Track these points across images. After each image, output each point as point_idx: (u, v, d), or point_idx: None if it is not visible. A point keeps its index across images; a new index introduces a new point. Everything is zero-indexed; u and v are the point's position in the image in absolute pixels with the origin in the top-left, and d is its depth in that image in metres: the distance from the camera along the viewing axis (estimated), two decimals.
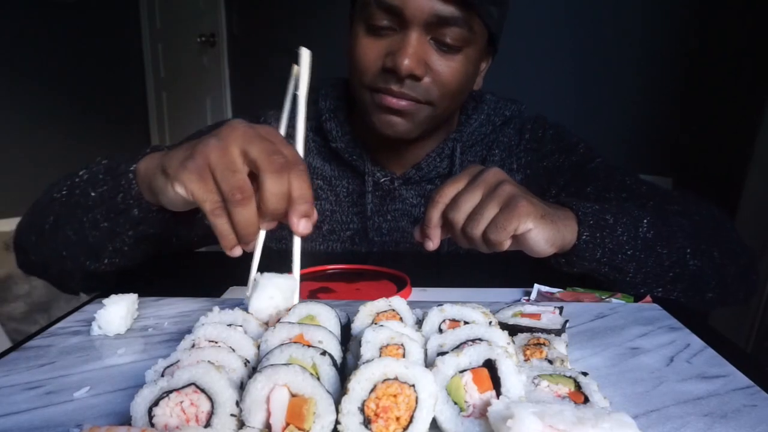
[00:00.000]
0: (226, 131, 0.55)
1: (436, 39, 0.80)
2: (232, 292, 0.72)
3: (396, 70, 0.78)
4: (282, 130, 0.61)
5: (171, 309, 0.62)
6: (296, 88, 0.60)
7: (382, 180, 0.94)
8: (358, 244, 0.97)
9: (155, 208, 0.68)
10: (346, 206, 0.97)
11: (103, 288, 0.76)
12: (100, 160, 0.76)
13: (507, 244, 0.62)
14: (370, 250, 0.96)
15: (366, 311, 0.50)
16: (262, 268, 0.58)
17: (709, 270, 0.74)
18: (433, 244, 0.66)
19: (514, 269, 0.80)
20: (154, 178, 0.62)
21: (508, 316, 0.52)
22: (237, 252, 0.56)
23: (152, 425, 0.35)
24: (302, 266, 0.78)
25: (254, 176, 0.54)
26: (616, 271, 0.69)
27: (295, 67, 0.59)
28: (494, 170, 0.65)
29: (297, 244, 0.59)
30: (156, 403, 0.36)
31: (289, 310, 0.49)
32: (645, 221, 0.70)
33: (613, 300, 0.67)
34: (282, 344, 0.41)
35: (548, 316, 0.52)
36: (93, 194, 0.70)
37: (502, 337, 0.43)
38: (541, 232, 0.62)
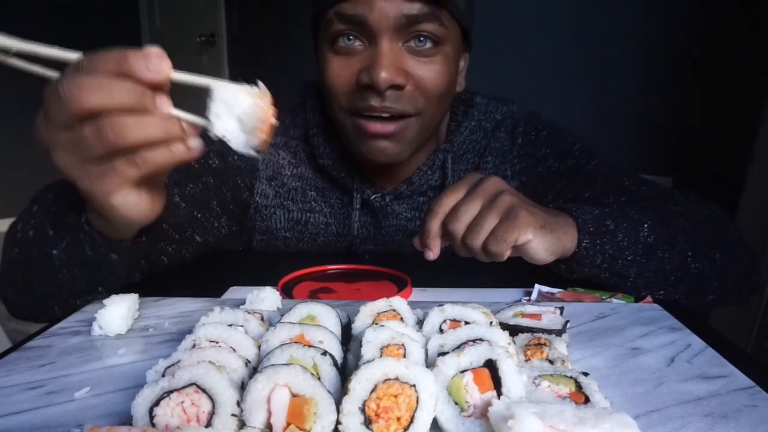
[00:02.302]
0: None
1: (409, 43, 0.76)
2: (232, 292, 0.72)
3: (374, 85, 0.74)
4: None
5: (171, 309, 0.62)
6: None
7: (372, 198, 0.91)
8: (357, 261, 0.95)
9: (128, 242, 0.63)
10: (341, 218, 0.94)
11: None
12: (32, 207, 0.67)
13: (507, 255, 0.61)
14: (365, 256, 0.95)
15: (366, 311, 0.50)
16: (260, 271, 0.58)
17: (711, 272, 0.73)
18: (432, 254, 0.65)
19: (514, 269, 0.79)
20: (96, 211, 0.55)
21: (508, 316, 0.52)
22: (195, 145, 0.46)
23: (153, 425, 0.35)
24: (302, 267, 0.78)
25: None
26: (617, 276, 0.69)
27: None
28: (493, 179, 0.65)
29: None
30: (157, 403, 0.36)
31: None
32: (646, 225, 0.70)
33: (614, 300, 0.67)
34: (283, 344, 0.41)
35: (549, 316, 0.52)
36: (56, 252, 0.62)
37: (503, 337, 0.43)
38: (541, 242, 0.61)
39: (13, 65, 0.43)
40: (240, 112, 0.44)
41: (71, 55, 0.44)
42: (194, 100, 0.48)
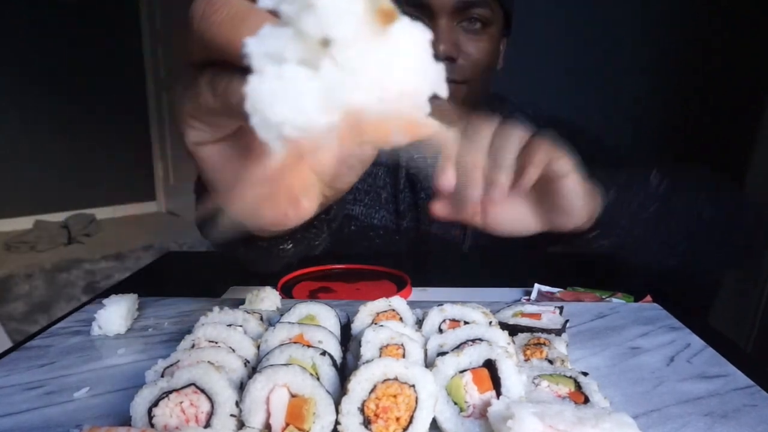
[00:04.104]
0: None
1: (463, 23, 0.88)
2: (232, 292, 0.72)
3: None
4: None
5: (171, 309, 0.62)
6: None
7: (415, 156, 0.98)
8: (402, 217, 1.01)
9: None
10: (393, 179, 1.03)
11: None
12: None
13: (536, 175, 0.54)
14: (408, 225, 1.01)
15: (366, 311, 0.50)
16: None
17: (722, 218, 0.71)
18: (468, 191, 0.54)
19: (514, 269, 0.79)
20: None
21: (508, 316, 0.52)
22: None
23: (152, 425, 0.35)
24: (301, 267, 0.78)
25: None
26: (645, 230, 0.65)
27: None
28: None
29: None
30: (156, 404, 0.36)
31: None
32: (653, 175, 0.67)
33: (614, 300, 0.67)
34: (282, 344, 0.41)
35: (548, 315, 0.52)
36: None
37: (503, 337, 0.43)
38: (578, 182, 0.56)
39: None
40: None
41: None
42: None
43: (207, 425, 0.35)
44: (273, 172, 0.29)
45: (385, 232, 1.02)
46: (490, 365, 0.39)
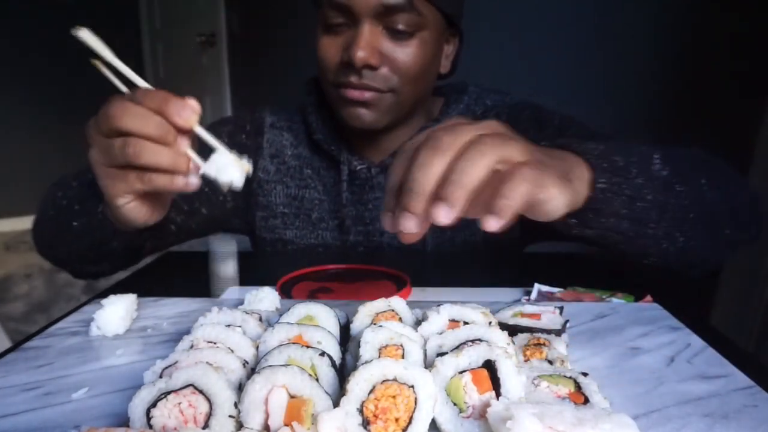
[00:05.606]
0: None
1: (387, 27, 0.82)
2: (231, 292, 0.72)
3: (351, 62, 0.81)
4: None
5: (170, 309, 0.62)
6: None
7: (359, 168, 0.96)
8: (346, 232, 0.98)
9: (130, 234, 0.74)
10: (333, 195, 0.99)
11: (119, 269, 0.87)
12: (72, 181, 0.79)
13: (511, 213, 0.42)
14: (356, 240, 0.98)
15: (365, 311, 0.50)
16: (259, 270, 0.57)
17: (722, 201, 0.66)
18: (409, 225, 0.46)
19: (514, 269, 0.79)
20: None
21: (508, 316, 0.52)
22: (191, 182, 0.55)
23: (150, 427, 0.35)
24: (301, 266, 0.78)
25: None
26: (638, 223, 0.58)
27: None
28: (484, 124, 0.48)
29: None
30: (154, 405, 0.36)
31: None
32: (656, 157, 0.59)
33: (614, 300, 0.67)
34: (281, 345, 0.41)
35: (548, 316, 0.52)
36: (75, 224, 0.75)
37: (502, 337, 0.43)
38: (561, 203, 0.46)
39: (100, 69, 0.54)
40: (225, 178, 0.53)
41: (141, 83, 0.55)
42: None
43: (205, 426, 0.35)
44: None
45: (327, 250, 0.99)
46: (489, 366, 0.38)
